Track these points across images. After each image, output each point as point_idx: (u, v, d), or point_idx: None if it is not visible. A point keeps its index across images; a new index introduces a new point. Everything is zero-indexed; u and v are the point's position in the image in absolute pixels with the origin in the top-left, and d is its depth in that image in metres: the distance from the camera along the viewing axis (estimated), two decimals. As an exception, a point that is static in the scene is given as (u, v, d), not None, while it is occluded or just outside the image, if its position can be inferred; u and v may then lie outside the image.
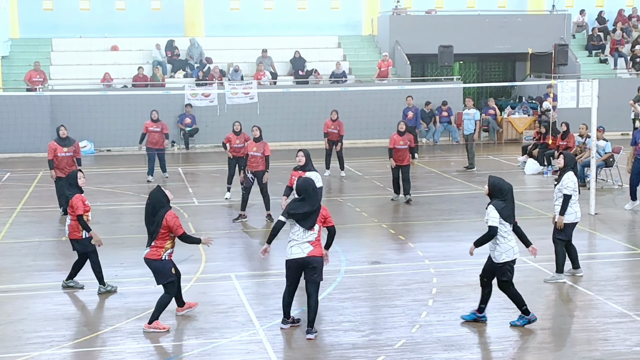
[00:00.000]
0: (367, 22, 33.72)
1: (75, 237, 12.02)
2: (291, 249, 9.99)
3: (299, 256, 9.94)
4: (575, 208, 12.27)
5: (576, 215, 12.31)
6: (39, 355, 9.63)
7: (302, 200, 10.04)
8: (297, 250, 9.95)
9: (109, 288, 12.03)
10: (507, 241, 10.31)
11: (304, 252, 9.93)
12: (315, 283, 10.01)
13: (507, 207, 10.25)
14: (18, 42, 30.78)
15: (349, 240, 15.10)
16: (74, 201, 11.83)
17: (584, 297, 11.71)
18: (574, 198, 12.22)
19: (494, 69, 35.14)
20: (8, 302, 11.78)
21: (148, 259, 10.44)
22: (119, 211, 17.88)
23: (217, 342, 10.04)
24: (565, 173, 12.27)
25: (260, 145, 16.58)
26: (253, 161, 16.57)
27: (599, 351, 9.64)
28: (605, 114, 24.50)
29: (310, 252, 9.94)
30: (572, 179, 12.20)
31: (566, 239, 12.36)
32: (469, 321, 10.52)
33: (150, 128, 21.24)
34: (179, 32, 31.88)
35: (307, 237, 9.97)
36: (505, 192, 10.29)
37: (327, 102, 26.53)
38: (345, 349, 9.74)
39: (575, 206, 12.27)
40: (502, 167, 23.99)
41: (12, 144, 25.91)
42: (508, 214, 10.25)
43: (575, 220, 12.34)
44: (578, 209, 12.33)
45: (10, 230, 16.18)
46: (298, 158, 14.09)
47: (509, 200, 10.28)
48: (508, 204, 10.27)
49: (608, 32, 34.39)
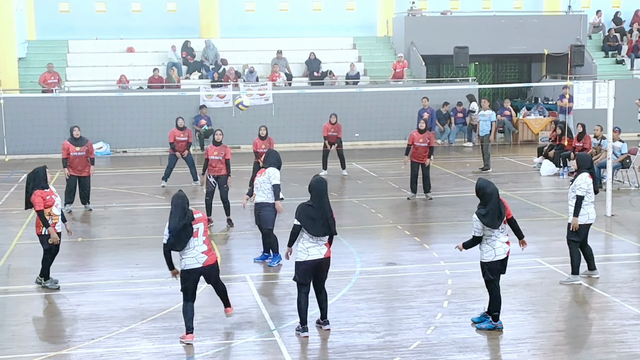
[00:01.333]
0: (382, 23, 33.68)
1: (38, 233, 12.25)
2: (308, 250, 10.00)
3: (317, 257, 10.01)
4: (589, 209, 12.18)
5: (589, 217, 12.21)
6: (55, 356, 9.69)
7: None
8: (315, 252, 10.00)
9: (48, 284, 12.26)
10: (488, 243, 10.32)
11: (321, 254, 10.03)
12: (325, 280, 10.26)
13: (489, 214, 10.18)
14: (34, 44, 30.94)
15: (364, 241, 15.10)
16: (33, 197, 12.04)
17: (600, 299, 11.66)
18: (587, 199, 12.13)
19: (509, 70, 35.03)
20: (25, 302, 11.85)
21: (215, 264, 10.24)
22: (134, 212, 17.94)
23: (232, 343, 10.06)
24: (580, 174, 12.21)
25: (221, 149, 16.10)
26: (214, 165, 16.09)
27: (616, 353, 9.60)
28: (621, 115, 24.37)
29: (326, 253, 10.09)
30: (585, 180, 12.12)
31: (579, 240, 12.28)
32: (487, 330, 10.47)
33: (177, 137, 20.46)
34: (195, 33, 31.96)
35: (323, 238, 10.08)
36: (489, 196, 10.24)
37: (342, 104, 26.53)
38: (361, 350, 9.74)
39: (589, 207, 12.18)
40: (517, 169, 23.92)
41: (28, 145, 26.04)
42: (491, 219, 10.17)
43: (588, 222, 12.24)
44: (592, 211, 12.23)
45: (27, 231, 16.25)
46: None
47: (493, 204, 10.19)
48: (491, 209, 10.19)
49: (624, 33, 34.21)
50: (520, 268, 13.14)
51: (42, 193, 12.12)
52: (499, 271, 10.41)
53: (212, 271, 10.15)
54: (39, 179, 12.21)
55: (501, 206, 10.30)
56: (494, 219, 10.18)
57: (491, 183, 10.44)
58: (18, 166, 24.49)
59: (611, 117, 16.90)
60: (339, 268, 13.14)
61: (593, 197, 12.24)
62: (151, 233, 15.92)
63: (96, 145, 27.14)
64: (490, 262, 10.31)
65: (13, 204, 19.01)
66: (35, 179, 12.21)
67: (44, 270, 12.33)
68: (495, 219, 10.20)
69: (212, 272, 10.18)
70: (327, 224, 10.02)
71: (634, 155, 20.45)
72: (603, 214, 16.74)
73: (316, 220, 9.97)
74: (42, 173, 12.29)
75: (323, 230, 10.00)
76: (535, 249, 14.49)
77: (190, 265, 9.93)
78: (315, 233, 9.97)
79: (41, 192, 12.11)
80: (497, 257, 10.30)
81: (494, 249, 10.29)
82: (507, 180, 21.70)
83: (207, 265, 9.99)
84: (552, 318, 10.90)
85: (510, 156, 26.44)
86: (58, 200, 12.37)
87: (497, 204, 10.24)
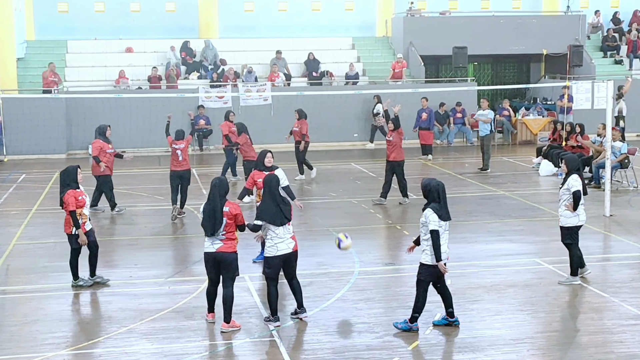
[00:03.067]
0: (381, 23, 33.69)
1: (68, 232, 12.23)
2: (277, 246, 10.44)
3: (286, 252, 10.48)
4: (579, 211, 12.15)
5: (579, 219, 12.18)
6: (54, 356, 9.69)
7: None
8: (283, 247, 10.47)
9: (82, 283, 12.28)
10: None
11: (289, 248, 10.52)
12: (294, 270, 10.74)
13: (442, 207, 10.28)
14: (33, 44, 30.94)
15: (362, 241, 15.10)
16: (67, 197, 12.00)
17: (599, 299, 11.66)
18: (581, 201, 12.12)
19: (508, 70, 35.03)
20: (24, 303, 11.85)
21: (225, 252, 10.42)
22: (133, 212, 17.94)
23: (231, 343, 10.06)
24: (571, 176, 12.20)
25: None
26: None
27: (615, 353, 9.60)
28: (620, 115, 24.40)
29: (294, 246, 10.58)
30: (577, 180, 12.12)
31: (574, 242, 12.25)
32: (440, 325, 10.45)
33: (232, 129, 20.14)
34: (194, 33, 31.96)
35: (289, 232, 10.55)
36: (434, 190, 10.29)
37: (341, 104, 26.54)
38: (360, 350, 9.74)
39: (580, 210, 12.15)
40: (516, 169, 23.93)
41: (27, 146, 26.05)
42: (446, 212, 10.27)
43: (579, 224, 12.21)
44: (582, 212, 12.19)
45: (26, 231, 16.27)
46: (268, 159, 13.28)
47: (442, 198, 10.28)
48: (444, 202, 10.29)
49: (623, 33, 34.23)
50: (519, 268, 13.16)
51: (75, 193, 12.04)
52: (431, 275, 10.28)
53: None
54: (69, 178, 12.10)
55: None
56: (447, 212, 10.26)
57: (434, 179, 10.49)
58: (17, 166, 24.51)
59: (610, 117, 16.91)
60: (338, 268, 13.15)
61: (582, 199, 12.18)
62: (150, 233, 15.94)
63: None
64: (431, 265, 10.18)
65: (12, 204, 19.03)
66: (65, 178, 12.11)
67: (73, 271, 12.27)
68: (447, 212, 10.27)
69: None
70: (283, 213, 10.48)
71: (633, 155, 20.46)
72: (602, 214, 16.76)
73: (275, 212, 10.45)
74: (73, 172, 12.17)
75: (280, 219, 10.43)
76: (534, 249, 14.51)
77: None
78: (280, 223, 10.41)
79: (74, 192, 12.03)
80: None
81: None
82: (506, 180, 21.72)
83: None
84: (551, 318, 10.91)
85: (509, 156, 26.45)
86: (87, 201, 12.35)
87: (445, 199, 10.31)
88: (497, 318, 10.84)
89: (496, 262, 13.57)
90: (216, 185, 10.41)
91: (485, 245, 14.85)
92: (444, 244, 10.18)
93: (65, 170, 12.28)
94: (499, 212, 17.60)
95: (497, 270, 13.04)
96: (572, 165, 12.27)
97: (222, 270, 10.45)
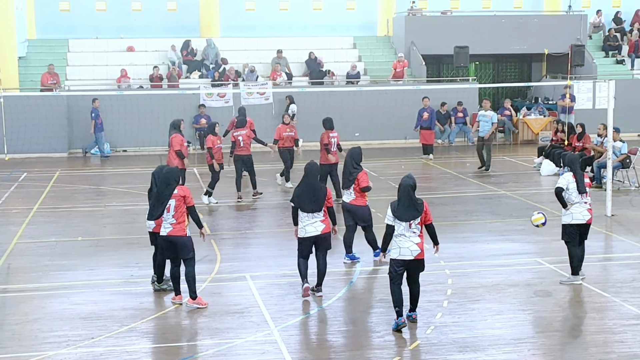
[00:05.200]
0: (383, 22, 33.68)
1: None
2: (305, 228, 11.41)
3: (314, 234, 11.40)
4: (572, 209, 12.19)
5: (572, 217, 12.21)
6: (55, 355, 9.69)
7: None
8: (311, 229, 11.38)
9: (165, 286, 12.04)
10: (396, 241, 10.38)
11: (317, 230, 11.40)
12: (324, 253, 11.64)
13: (400, 206, 10.39)
14: (35, 43, 30.93)
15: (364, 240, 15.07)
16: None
17: (600, 299, 11.66)
18: (574, 199, 12.16)
19: (509, 69, 35.03)
20: (25, 302, 11.85)
21: (175, 236, 11.02)
22: (134, 211, 17.93)
23: (232, 342, 10.06)
24: (565, 173, 12.37)
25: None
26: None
27: (615, 353, 9.60)
28: (621, 115, 24.36)
29: (323, 229, 11.44)
30: (566, 178, 12.23)
31: (572, 241, 12.28)
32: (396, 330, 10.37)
33: (283, 134, 20.10)
34: (195, 33, 31.96)
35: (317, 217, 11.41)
36: (401, 188, 10.47)
37: (342, 103, 26.54)
38: (361, 350, 9.73)
39: (574, 208, 12.19)
40: (517, 169, 23.92)
41: (28, 144, 26.06)
42: (401, 213, 10.36)
43: (572, 222, 12.22)
44: (575, 211, 12.20)
45: (27, 230, 16.27)
46: None
47: (403, 196, 10.40)
48: (401, 201, 10.41)
49: (625, 33, 34.21)
50: (520, 268, 13.16)
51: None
52: (397, 271, 10.33)
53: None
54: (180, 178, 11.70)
55: (417, 205, 10.43)
56: (403, 212, 10.36)
57: (405, 177, 10.62)
58: (18, 165, 24.51)
59: (611, 117, 16.89)
60: (339, 268, 13.14)
61: (578, 198, 12.19)
62: (151, 232, 15.91)
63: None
64: (393, 259, 10.39)
65: (13, 203, 19.03)
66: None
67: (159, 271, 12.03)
68: (404, 212, 10.35)
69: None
70: (317, 202, 11.34)
71: (634, 155, 20.45)
72: (603, 214, 16.75)
73: (306, 199, 11.37)
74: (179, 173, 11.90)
75: (311, 207, 11.34)
76: (535, 249, 14.50)
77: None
78: (307, 210, 11.35)
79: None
80: (401, 256, 10.29)
81: (400, 247, 10.30)
82: (507, 180, 21.71)
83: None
84: (552, 318, 10.90)
85: (511, 156, 26.44)
86: None
87: (409, 198, 10.40)
88: (498, 317, 10.83)
89: (497, 262, 13.56)
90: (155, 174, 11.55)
91: (487, 244, 14.85)
92: (405, 241, 10.21)
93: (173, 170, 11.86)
94: (500, 212, 17.59)
95: (498, 270, 13.04)
96: (567, 163, 12.44)
97: (178, 253, 11.12)
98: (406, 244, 10.28)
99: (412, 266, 10.38)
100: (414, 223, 10.30)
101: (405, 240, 10.29)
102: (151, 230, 11.95)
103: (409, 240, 10.29)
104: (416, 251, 10.31)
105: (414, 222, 10.31)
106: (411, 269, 10.40)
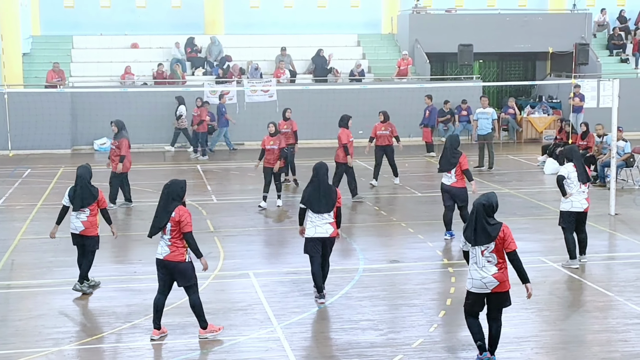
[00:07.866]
0: (387, 20, 33.65)
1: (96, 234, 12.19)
2: (315, 228, 11.17)
3: (323, 235, 11.17)
4: (572, 198, 12.75)
5: (572, 205, 12.79)
6: (58, 351, 9.71)
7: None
8: (321, 230, 11.17)
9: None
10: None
11: (327, 232, 11.19)
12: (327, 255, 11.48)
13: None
14: (39, 39, 30.94)
15: (367, 238, 15.10)
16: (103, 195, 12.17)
17: (604, 297, 11.65)
18: (573, 189, 12.66)
19: (514, 68, 34.98)
20: (29, 298, 11.88)
21: (171, 261, 9.78)
22: (137, 208, 17.95)
23: (235, 339, 10.07)
24: (566, 163, 12.94)
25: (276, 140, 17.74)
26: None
27: (619, 352, 9.59)
28: (625, 114, 24.30)
29: (332, 232, 11.23)
30: (567, 168, 12.79)
31: (568, 227, 12.84)
32: None
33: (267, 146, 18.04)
34: (199, 30, 31.95)
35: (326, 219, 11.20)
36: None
37: (346, 101, 26.52)
38: (364, 348, 9.74)
39: (574, 197, 12.74)
40: (521, 167, 23.90)
41: (33, 141, 26.08)
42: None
43: (572, 209, 12.78)
44: (575, 199, 12.77)
45: (31, 226, 16.29)
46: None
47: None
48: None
49: (629, 32, 34.15)
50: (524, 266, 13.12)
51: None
52: (470, 305, 9.21)
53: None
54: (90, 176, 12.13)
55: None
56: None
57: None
58: (22, 161, 24.53)
59: (615, 115, 16.87)
60: (342, 265, 13.14)
61: (578, 187, 12.72)
62: (155, 229, 15.91)
63: (100, 141, 27.24)
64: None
65: (17, 199, 19.06)
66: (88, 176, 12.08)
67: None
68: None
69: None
70: (327, 202, 11.14)
71: (638, 154, 20.42)
72: (607, 213, 16.73)
73: (316, 200, 11.16)
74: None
75: (322, 207, 11.14)
76: (539, 247, 14.49)
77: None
78: (317, 211, 11.15)
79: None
80: (473, 289, 9.08)
81: (472, 279, 9.07)
82: (511, 178, 21.69)
83: None
84: (555, 317, 10.90)
85: (514, 154, 26.41)
86: None
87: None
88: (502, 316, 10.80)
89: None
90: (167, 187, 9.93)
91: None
92: (477, 272, 9.01)
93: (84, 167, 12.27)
94: (504, 210, 17.50)
95: (501, 268, 13.01)
96: (565, 155, 13.05)
97: (176, 280, 9.93)
98: (477, 275, 9.05)
99: (491, 300, 9.11)
100: (486, 251, 9.01)
101: (478, 271, 9.04)
102: (77, 232, 12.03)
103: (482, 270, 9.00)
104: (492, 283, 9.02)
105: (487, 249, 9.02)
106: (491, 302, 9.12)
